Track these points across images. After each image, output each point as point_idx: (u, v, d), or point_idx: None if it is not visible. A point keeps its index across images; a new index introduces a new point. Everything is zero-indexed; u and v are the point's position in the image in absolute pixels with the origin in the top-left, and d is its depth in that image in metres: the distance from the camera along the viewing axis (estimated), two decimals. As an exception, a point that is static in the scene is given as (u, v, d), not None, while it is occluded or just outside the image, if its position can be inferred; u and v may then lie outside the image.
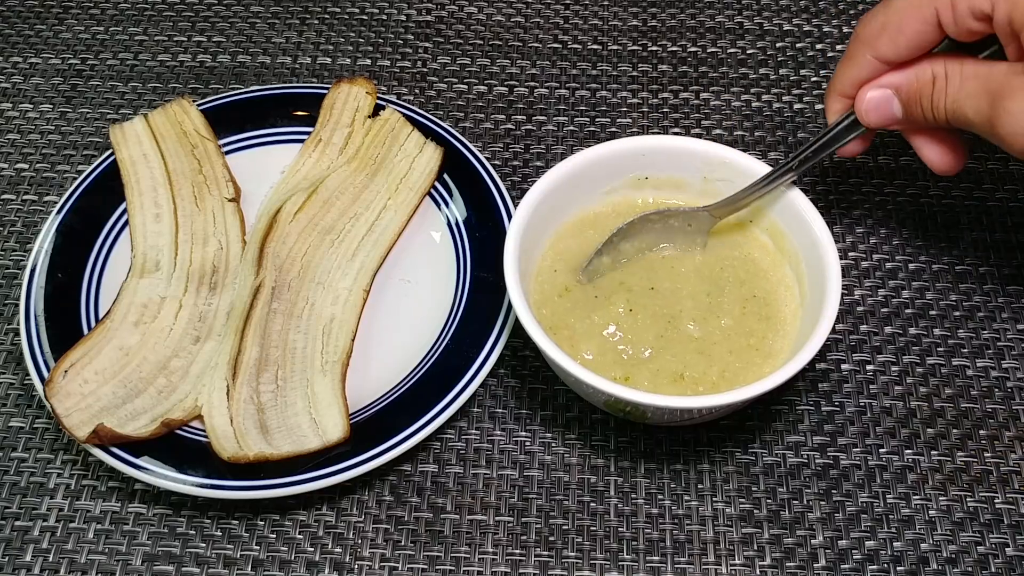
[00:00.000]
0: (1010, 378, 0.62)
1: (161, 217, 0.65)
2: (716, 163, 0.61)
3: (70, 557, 0.56)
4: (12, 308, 0.65)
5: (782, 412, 0.61)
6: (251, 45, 0.79)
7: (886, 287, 0.66)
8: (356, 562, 0.56)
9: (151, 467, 0.55)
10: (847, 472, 0.58)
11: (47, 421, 0.60)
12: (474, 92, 0.76)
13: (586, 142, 0.73)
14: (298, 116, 0.71)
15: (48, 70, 0.78)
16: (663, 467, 0.59)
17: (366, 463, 0.55)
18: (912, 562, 0.56)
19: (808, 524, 0.57)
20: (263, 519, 0.57)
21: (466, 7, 0.82)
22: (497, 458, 0.59)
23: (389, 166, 0.68)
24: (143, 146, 0.68)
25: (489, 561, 0.56)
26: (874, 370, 0.62)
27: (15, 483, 0.58)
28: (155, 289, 0.62)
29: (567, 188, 0.61)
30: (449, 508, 0.57)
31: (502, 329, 0.60)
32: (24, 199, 0.70)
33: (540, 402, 0.61)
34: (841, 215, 0.69)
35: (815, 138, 0.59)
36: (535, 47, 0.79)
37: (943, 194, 0.70)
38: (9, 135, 0.74)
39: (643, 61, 0.78)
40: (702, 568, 0.55)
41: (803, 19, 0.81)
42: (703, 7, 0.82)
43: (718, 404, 0.52)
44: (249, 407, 0.57)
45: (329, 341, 0.60)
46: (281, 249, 0.63)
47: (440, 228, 0.67)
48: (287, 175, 0.68)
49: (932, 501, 0.58)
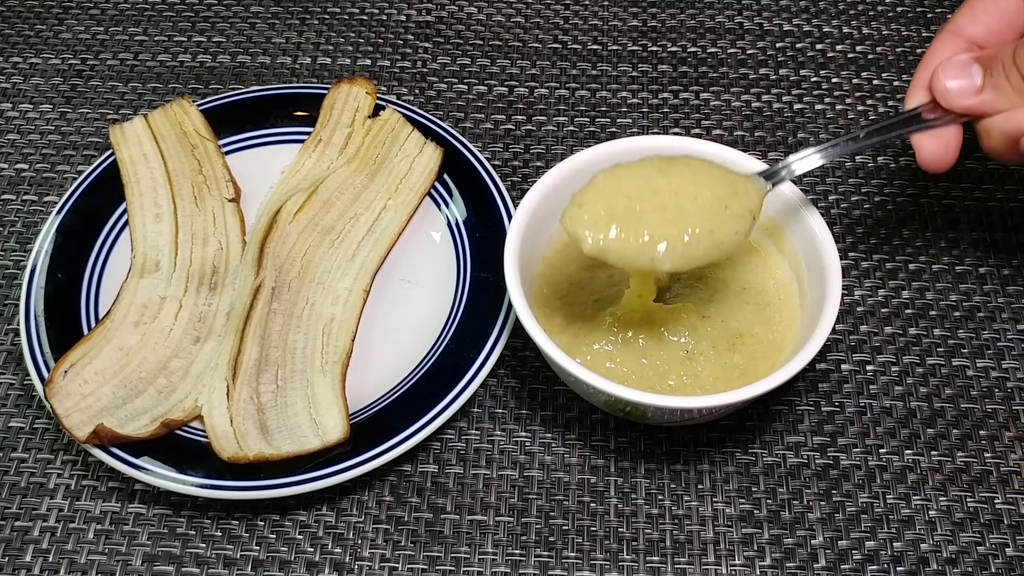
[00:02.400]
0: (1010, 378, 0.62)
1: (161, 217, 0.65)
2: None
3: (70, 557, 0.56)
4: (12, 308, 0.65)
5: (782, 412, 0.61)
6: (251, 45, 0.79)
7: (886, 287, 0.66)
8: (356, 562, 0.56)
9: (151, 467, 0.55)
10: (847, 472, 0.58)
11: (47, 421, 0.60)
12: (474, 92, 0.76)
13: (586, 142, 0.73)
14: (298, 116, 0.71)
15: (48, 70, 0.78)
16: (663, 467, 0.59)
17: (366, 463, 0.55)
18: (912, 562, 0.56)
19: (808, 524, 0.57)
20: (263, 519, 0.57)
21: (466, 7, 0.82)
22: (497, 458, 0.59)
23: (389, 166, 0.68)
24: (143, 146, 0.68)
25: (489, 561, 0.56)
26: (874, 370, 0.62)
27: (15, 483, 0.58)
28: (155, 289, 0.62)
29: (567, 188, 0.60)
30: (449, 508, 0.57)
31: (502, 329, 0.60)
32: (24, 199, 0.70)
33: (540, 402, 0.61)
34: (841, 215, 0.69)
35: (888, 117, 0.56)
36: (535, 47, 0.79)
37: (943, 194, 0.70)
38: (9, 135, 0.74)
39: (643, 61, 0.78)
40: (702, 568, 0.55)
41: (803, 19, 0.81)
42: (703, 7, 0.82)
43: (718, 404, 0.52)
44: (249, 407, 0.57)
45: (329, 341, 0.60)
46: (281, 249, 0.63)
47: (440, 228, 0.67)
48: (287, 175, 0.68)
49: (932, 501, 0.58)
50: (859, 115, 0.74)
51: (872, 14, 0.81)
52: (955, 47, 0.56)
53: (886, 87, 0.76)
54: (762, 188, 0.55)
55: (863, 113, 0.74)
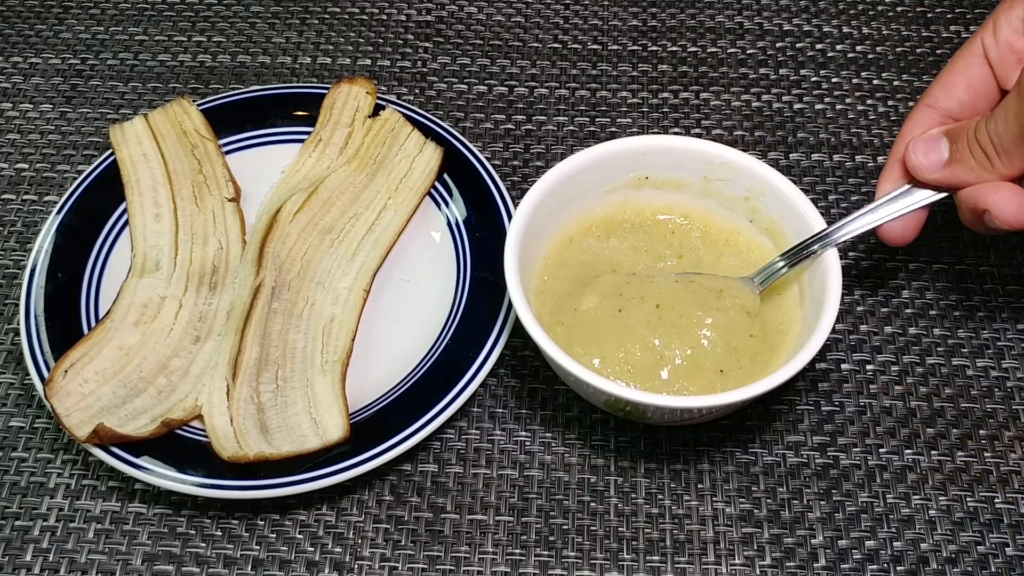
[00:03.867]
0: (1010, 378, 0.62)
1: (161, 217, 0.65)
2: (716, 163, 0.61)
3: (70, 557, 0.56)
4: (12, 308, 0.65)
5: (782, 412, 0.61)
6: (251, 45, 0.79)
7: (886, 287, 0.66)
8: (356, 562, 0.56)
9: (151, 467, 0.55)
10: (847, 472, 0.58)
11: (47, 421, 0.60)
12: (474, 92, 0.76)
13: (586, 142, 0.73)
14: (298, 116, 0.71)
15: (48, 70, 0.78)
16: (663, 467, 0.59)
17: (366, 463, 0.55)
18: (912, 562, 0.56)
19: (808, 524, 0.57)
20: (263, 519, 0.57)
21: (466, 7, 0.82)
22: (497, 458, 0.59)
23: (389, 166, 0.68)
24: (143, 146, 0.68)
25: (489, 561, 0.56)
26: (874, 370, 0.62)
27: (15, 483, 0.58)
28: (155, 289, 0.62)
29: (567, 188, 0.61)
30: (449, 508, 0.57)
31: (502, 329, 0.60)
32: (24, 199, 0.70)
33: (540, 402, 0.61)
34: (841, 215, 0.69)
35: (860, 208, 0.58)
36: (535, 47, 0.79)
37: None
38: (9, 135, 0.74)
39: (643, 61, 0.78)
40: (702, 568, 0.55)
41: (803, 19, 0.81)
42: (703, 7, 0.82)
43: (718, 404, 0.52)
44: (249, 407, 0.57)
45: (329, 341, 0.60)
46: (281, 249, 0.63)
47: (440, 228, 0.67)
48: (287, 175, 0.68)
49: (932, 501, 0.58)
50: (859, 115, 0.74)
51: (872, 14, 0.81)
52: (930, 120, 0.57)
53: (886, 87, 0.76)
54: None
55: (863, 113, 0.75)
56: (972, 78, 0.56)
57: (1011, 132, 0.51)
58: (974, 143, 0.53)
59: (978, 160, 0.53)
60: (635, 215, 0.63)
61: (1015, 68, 0.55)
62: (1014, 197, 0.52)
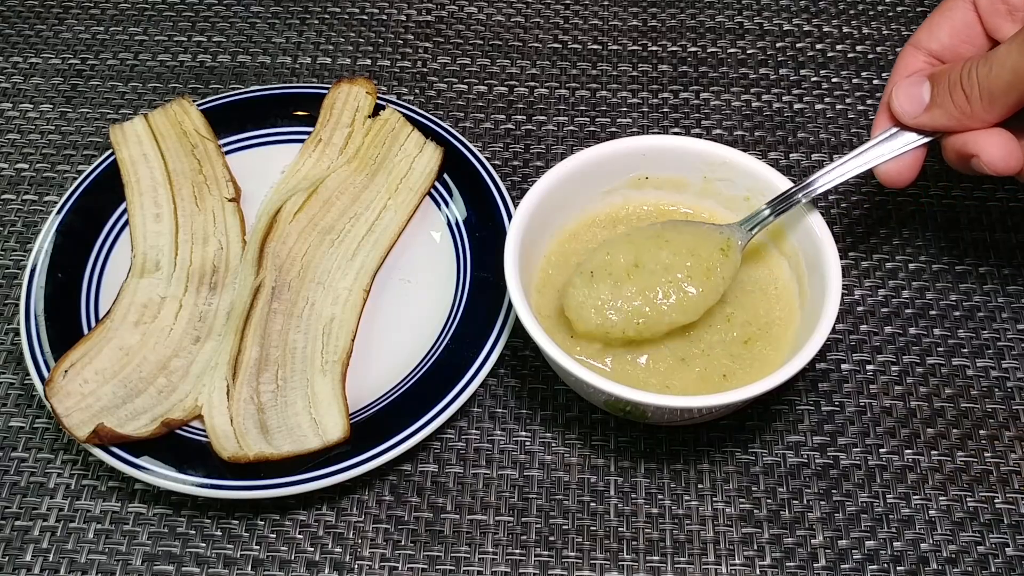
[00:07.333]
0: (1010, 378, 0.62)
1: (161, 217, 0.65)
2: (716, 163, 0.61)
3: (70, 557, 0.56)
4: (12, 308, 0.65)
5: (782, 412, 0.61)
6: (251, 45, 0.79)
7: (886, 287, 0.66)
8: (356, 562, 0.56)
9: (151, 467, 0.55)
10: (847, 472, 0.58)
11: (47, 421, 0.60)
12: (474, 92, 0.76)
13: (586, 142, 0.73)
14: (298, 116, 0.71)
15: (48, 70, 0.78)
16: (663, 467, 0.59)
17: (366, 463, 0.55)
18: (912, 562, 0.56)
19: (808, 524, 0.57)
20: (263, 519, 0.57)
21: (466, 7, 0.82)
22: (497, 458, 0.59)
23: (389, 166, 0.68)
24: (143, 146, 0.68)
25: (489, 561, 0.56)
26: (874, 370, 0.62)
27: (15, 483, 0.58)
28: (155, 289, 0.62)
29: (567, 188, 0.61)
30: (449, 508, 0.57)
31: (502, 329, 0.60)
32: (24, 199, 0.70)
33: (540, 402, 0.61)
34: (841, 215, 0.69)
35: (851, 151, 0.58)
36: (535, 47, 0.79)
37: (943, 194, 0.70)
38: (9, 135, 0.74)
39: (643, 61, 0.78)
40: (702, 568, 0.55)
41: (803, 19, 0.81)
42: (703, 7, 0.82)
43: (718, 404, 0.52)
44: (249, 407, 0.57)
45: (329, 341, 0.60)
46: (281, 249, 0.63)
47: (440, 228, 0.67)
48: (287, 175, 0.68)
49: (932, 501, 0.58)
50: (859, 115, 0.74)
51: (872, 14, 0.81)
52: (917, 62, 0.58)
53: (886, 87, 0.76)
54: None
55: (863, 113, 0.74)
56: (956, 22, 0.57)
57: (1003, 80, 0.51)
58: (956, 86, 0.53)
59: (957, 105, 0.53)
60: (635, 215, 0.63)
61: (1004, 18, 0.55)
62: (1004, 143, 0.53)
